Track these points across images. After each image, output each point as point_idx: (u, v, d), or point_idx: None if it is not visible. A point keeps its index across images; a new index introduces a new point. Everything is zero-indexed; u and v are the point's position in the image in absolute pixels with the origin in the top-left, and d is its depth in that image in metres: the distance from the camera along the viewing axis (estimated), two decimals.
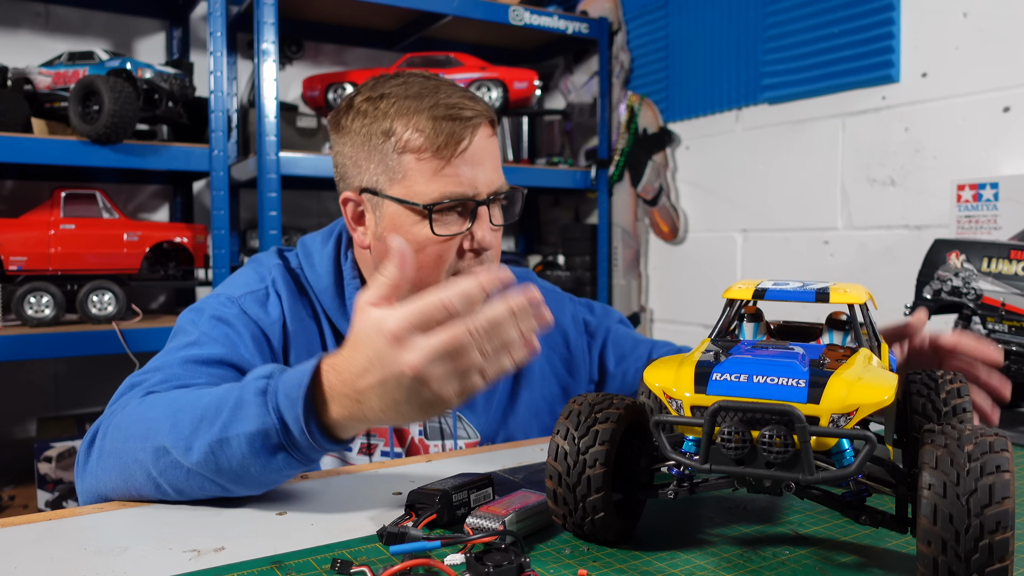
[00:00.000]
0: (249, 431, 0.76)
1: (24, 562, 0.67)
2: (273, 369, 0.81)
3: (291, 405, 0.75)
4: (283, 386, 0.77)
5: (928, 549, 0.54)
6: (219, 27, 2.20)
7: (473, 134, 1.05)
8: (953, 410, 0.73)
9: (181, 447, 0.79)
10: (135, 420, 0.85)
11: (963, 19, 1.80)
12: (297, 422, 0.75)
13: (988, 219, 1.61)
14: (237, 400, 0.79)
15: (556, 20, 2.70)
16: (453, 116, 1.03)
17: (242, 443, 0.77)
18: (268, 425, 0.76)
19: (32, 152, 1.98)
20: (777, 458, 0.59)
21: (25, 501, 2.21)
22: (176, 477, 0.80)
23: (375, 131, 1.05)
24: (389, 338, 0.70)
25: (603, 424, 0.66)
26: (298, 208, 2.89)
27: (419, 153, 1.03)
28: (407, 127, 1.03)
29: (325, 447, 0.78)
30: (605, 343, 1.32)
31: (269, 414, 0.76)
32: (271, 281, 1.11)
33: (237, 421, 0.77)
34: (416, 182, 1.04)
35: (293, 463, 0.78)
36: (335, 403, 0.75)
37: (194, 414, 0.80)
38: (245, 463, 0.78)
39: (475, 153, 1.05)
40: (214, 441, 0.78)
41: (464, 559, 0.62)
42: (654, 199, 2.68)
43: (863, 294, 0.72)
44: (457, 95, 1.06)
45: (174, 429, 0.80)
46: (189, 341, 1.01)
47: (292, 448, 0.77)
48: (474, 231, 1.05)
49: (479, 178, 1.05)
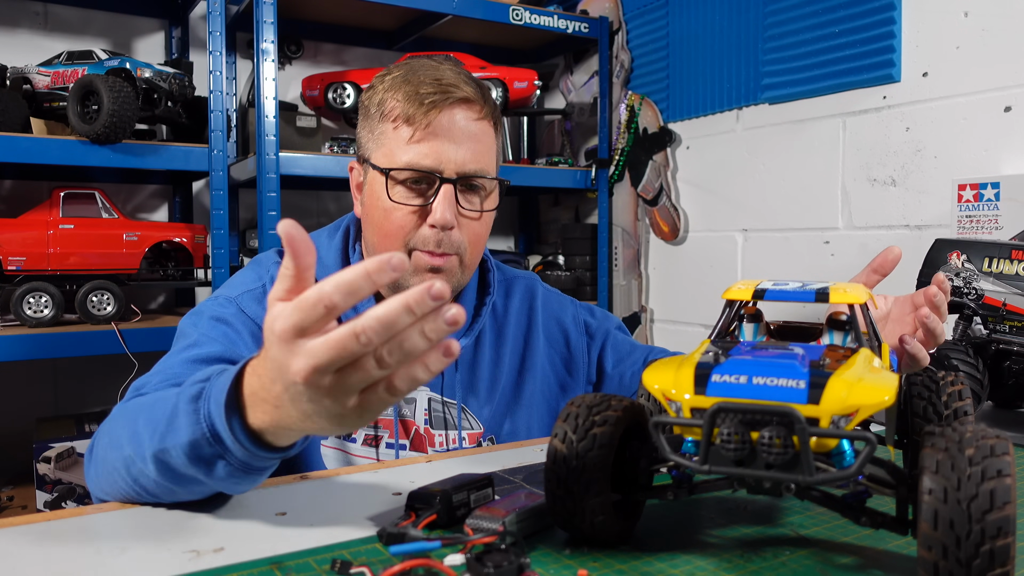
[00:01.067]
0: (183, 442, 0.71)
1: (23, 562, 0.67)
2: (212, 371, 0.75)
3: (219, 412, 0.68)
4: (215, 392, 0.70)
5: (929, 554, 0.53)
6: (218, 26, 2.20)
7: (447, 109, 1.05)
8: (954, 413, 0.72)
9: (139, 456, 0.76)
10: (114, 427, 0.85)
11: (964, 18, 1.80)
12: (227, 431, 0.68)
13: (989, 219, 1.61)
14: (174, 407, 0.73)
15: (556, 20, 2.69)
16: (431, 89, 1.05)
17: (180, 454, 0.71)
18: (198, 435, 0.70)
19: (31, 152, 1.98)
20: (777, 459, 0.58)
21: (24, 502, 2.21)
22: (147, 484, 0.78)
23: (372, 102, 1.11)
24: (278, 341, 0.60)
25: (601, 427, 0.66)
26: (297, 208, 2.89)
27: (395, 122, 1.07)
28: (392, 98, 1.07)
29: (262, 455, 0.70)
30: (604, 345, 1.33)
31: (200, 423, 0.70)
32: (269, 279, 1.12)
33: (173, 431, 0.72)
34: (391, 150, 1.07)
35: (236, 473, 0.71)
36: (257, 409, 0.67)
37: (147, 421, 0.77)
38: (191, 473, 0.72)
39: (447, 129, 1.06)
40: (158, 451, 0.73)
41: (464, 560, 0.62)
42: (654, 199, 2.68)
43: (863, 294, 0.72)
44: (451, 74, 1.08)
45: (133, 438, 0.78)
46: (189, 343, 1.02)
47: (230, 457, 0.70)
48: (433, 207, 1.06)
49: (446, 155, 1.05)
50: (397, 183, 1.07)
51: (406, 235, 1.08)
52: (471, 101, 1.08)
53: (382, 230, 1.09)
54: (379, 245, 1.11)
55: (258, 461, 0.71)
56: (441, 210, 1.05)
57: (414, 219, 1.07)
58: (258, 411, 0.68)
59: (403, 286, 1.09)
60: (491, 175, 1.11)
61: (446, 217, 1.06)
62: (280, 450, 0.71)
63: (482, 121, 1.10)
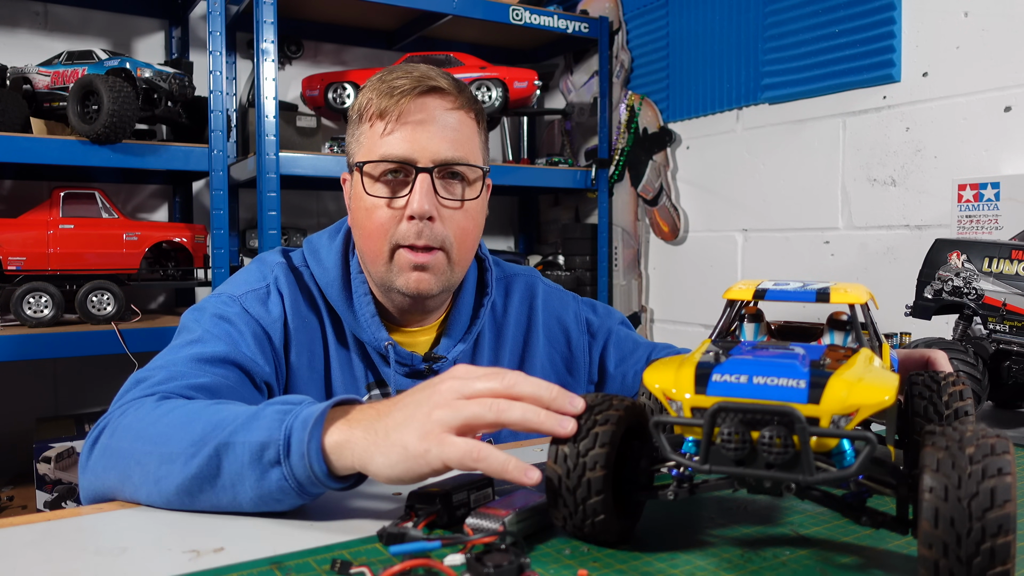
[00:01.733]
0: (253, 440, 0.75)
1: (23, 563, 0.67)
2: (304, 398, 0.80)
3: (302, 426, 0.74)
4: (305, 411, 0.75)
5: (929, 552, 0.53)
6: (218, 26, 2.20)
7: (418, 98, 1.05)
8: (955, 413, 0.72)
9: (189, 452, 0.78)
10: (149, 423, 0.84)
11: (964, 18, 1.80)
12: (301, 444, 0.73)
13: (989, 219, 1.61)
14: (256, 413, 0.78)
15: (556, 20, 2.69)
16: (403, 82, 1.05)
17: (244, 451, 0.75)
18: (272, 438, 0.74)
19: (31, 152, 1.98)
20: (777, 459, 0.58)
21: (24, 501, 2.21)
22: (172, 484, 0.78)
23: (354, 108, 1.11)
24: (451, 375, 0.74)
25: (602, 426, 0.66)
26: (297, 208, 2.89)
27: (371, 120, 1.07)
28: (367, 98, 1.08)
29: (318, 476, 0.73)
30: (606, 344, 1.32)
31: (279, 429, 0.74)
32: (273, 279, 1.12)
33: (247, 429, 0.76)
34: (369, 148, 1.08)
35: (286, 487, 0.74)
36: (345, 423, 0.74)
37: (209, 420, 0.80)
38: (242, 474, 0.75)
39: (420, 118, 1.06)
40: (220, 444, 0.76)
41: (464, 559, 0.62)
42: (654, 199, 2.68)
43: (864, 294, 0.72)
44: (424, 67, 1.09)
45: (187, 432, 0.79)
46: (192, 339, 1.02)
47: (287, 467, 0.74)
48: (411, 197, 1.05)
49: (420, 143, 1.05)
50: (375, 179, 1.07)
51: (388, 232, 1.06)
52: (444, 91, 1.07)
53: (365, 230, 1.08)
54: (365, 247, 1.10)
55: (311, 483, 0.74)
56: (419, 199, 1.04)
57: (395, 215, 1.06)
58: (343, 427, 0.74)
59: (393, 286, 1.10)
60: (472, 163, 1.09)
61: (423, 206, 1.04)
62: (334, 479, 0.74)
63: (458, 111, 1.09)
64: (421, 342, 1.19)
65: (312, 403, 0.78)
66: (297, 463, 0.73)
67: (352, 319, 1.13)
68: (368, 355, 1.14)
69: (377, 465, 0.71)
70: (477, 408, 0.70)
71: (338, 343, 1.14)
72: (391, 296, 1.13)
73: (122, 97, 1.96)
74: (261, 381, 1.04)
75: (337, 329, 1.14)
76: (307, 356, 1.11)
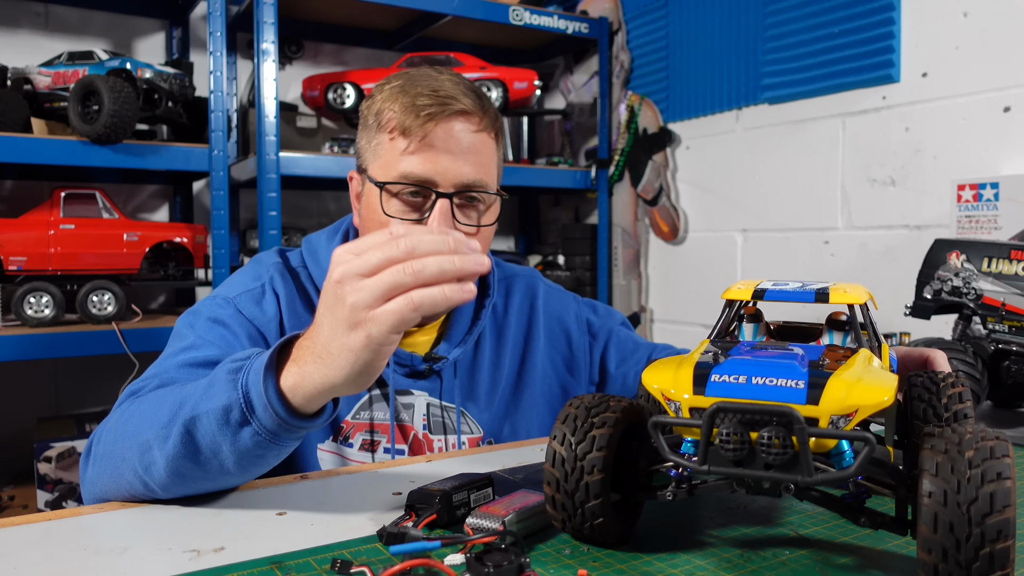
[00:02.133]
0: (216, 406, 0.76)
1: (24, 562, 0.67)
2: (252, 351, 0.81)
3: (256, 379, 0.75)
4: (255, 363, 0.77)
5: (928, 557, 0.53)
6: (219, 27, 2.20)
7: (444, 121, 1.03)
8: (955, 415, 0.72)
9: (162, 435, 0.79)
10: (124, 420, 0.86)
11: (963, 19, 1.80)
12: (260, 397, 0.74)
13: (988, 219, 1.61)
14: (211, 380, 0.79)
15: (556, 20, 2.69)
16: (428, 101, 1.03)
17: (211, 419, 0.76)
18: (232, 399, 0.75)
19: (32, 152, 1.98)
20: (776, 459, 0.58)
21: (25, 501, 2.21)
22: (159, 471, 0.80)
23: (371, 112, 1.09)
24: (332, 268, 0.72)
25: (600, 429, 0.66)
26: (298, 208, 2.89)
27: (392, 133, 1.05)
28: (389, 109, 1.05)
29: (288, 420, 0.75)
30: (607, 344, 1.32)
31: (236, 390, 0.75)
32: (268, 279, 1.12)
33: (208, 398, 0.77)
34: (387, 162, 1.06)
35: (262, 441, 0.76)
36: (293, 367, 0.75)
37: (173, 402, 0.81)
38: (217, 441, 0.77)
39: (444, 141, 1.04)
40: (188, 419, 0.77)
41: (464, 559, 0.62)
42: (654, 199, 2.68)
43: (863, 294, 0.72)
44: (450, 84, 1.06)
45: (155, 419, 0.81)
46: (185, 345, 1.01)
47: (256, 423, 0.75)
48: (428, 222, 1.04)
49: (443, 167, 1.03)
50: (392, 196, 1.06)
51: None
52: (469, 113, 1.06)
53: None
54: None
55: (284, 430, 0.75)
56: (438, 225, 1.03)
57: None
58: (293, 369, 0.75)
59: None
60: (490, 189, 1.09)
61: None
62: (305, 418, 0.76)
63: (481, 133, 1.07)
64: (421, 342, 1.19)
65: (260, 353, 0.79)
66: (263, 415, 0.75)
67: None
68: None
69: (337, 380, 0.73)
70: (391, 276, 0.69)
71: None
72: None
73: (123, 97, 1.96)
74: None
75: None
76: None
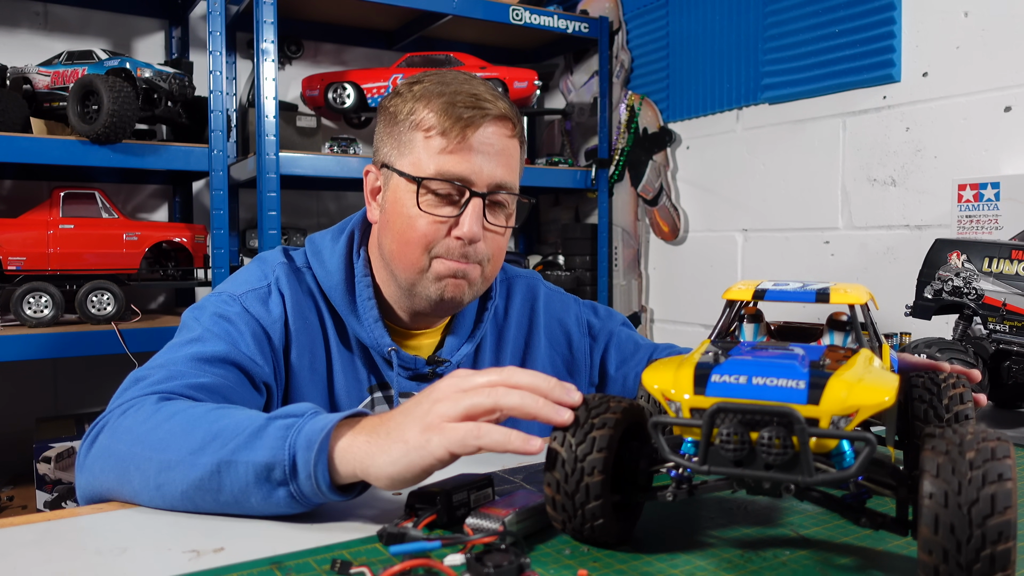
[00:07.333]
0: (258, 460, 0.75)
1: (23, 563, 0.67)
2: (307, 409, 0.80)
3: (307, 447, 0.74)
4: (308, 426, 0.75)
5: (929, 558, 0.53)
6: (218, 26, 2.20)
7: (483, 124, 1.06)
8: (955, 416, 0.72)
9: (188, 462, 0.78)
10: (149, 427, 0.84)
11: (964, 18, 1.80)
12: (307, 465, 0.73)
13: (989, 219, 1.61)
14: (259, 427, 0.78)
15: (556, 20, 2.69)
16: (468, 104, 1.06)
17: (248, 471, 0.75)
18: (277, 459, 0.74)
19: (31, 152, 1.98)
20: (776, 460, 0.58)
21: (24, 501, 2.21)
22: (174, 492, 0.79)
23: (401, 110, 1.09)
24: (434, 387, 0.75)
25: (600, 430, 0.66)
26: (297, 208, 2.89)
27: (428, 132, 1.06)
28: (425, 108, 1.07)
29: (325, 492, 0.74)
30: (607, 346, 1.32)
31: (283, 449, 0.74)
32: (274, 279, 1.12)
33: (250, 448, 0.76)
34: (420, 159, 1.07)
35: (294, 504, 0.75)
36: (347, 427, 0.75)
37: (208, 430, 0.79)
38: (247, 491, 0.76)
39: (481, 143, 1.06)
40: (222, 461, 0.76)
41: (464, 559, 0.62)
42: (654, 199, 2.68)
43: (864, 294, 0.72)
44: (483, 89, 1.09)
45: (185, 441, 0.80)
46: (192, 337, 1.02)
47: (295, 487, 0.74)
48: (461, 219, 1.06)
49: (478, 167, 1.06)
50: (428, 192, 1.07)
51: (430, 243, 1.07)
52: (506, 118, 1.09)
53: (403, 237, 1.08)
54: (399, 252, 1.09)
55: (316, 497, 0.74)
56: (470, 223, 1.06)
57: (440, 228, 1.07)
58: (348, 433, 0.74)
59: (422, 293, 1.10)
60: (517, 192, 1.13)
61: (475, 230, 1.06)
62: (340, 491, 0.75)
63: (513, 139, 1.11)
64: (425, 345, 1.19)
65: (315, 413, 0.78)
66: (304, 482, 0.74)
67: (355, 322, 1.13)
68: (371, 358, 1.14)
69: (379, 464, 0.71)
70: (475, 397, 0.71)
71: (340, 345, 1.14)
72: (414, 300, 1.13)
73: (122, 97, 1.96)
74: (260, 382, 1.04)
75: (340, 331, 1.14)
76: (308, 358, 1.11)
